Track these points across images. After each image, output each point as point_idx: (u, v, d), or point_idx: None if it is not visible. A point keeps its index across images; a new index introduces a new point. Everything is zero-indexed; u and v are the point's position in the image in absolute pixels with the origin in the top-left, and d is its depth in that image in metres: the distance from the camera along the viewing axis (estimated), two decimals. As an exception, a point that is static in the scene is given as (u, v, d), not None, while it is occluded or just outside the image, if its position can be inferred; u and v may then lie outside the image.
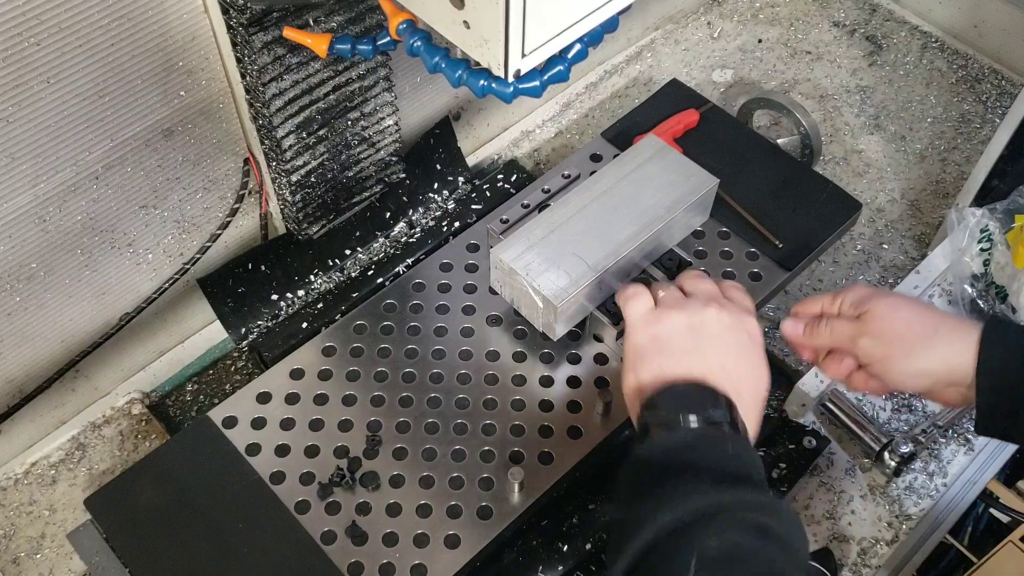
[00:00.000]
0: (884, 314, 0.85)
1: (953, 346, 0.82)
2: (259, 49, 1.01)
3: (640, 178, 1.10)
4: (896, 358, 0.85)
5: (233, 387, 1.27)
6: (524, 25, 0.72)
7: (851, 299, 0.89)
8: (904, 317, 0.85)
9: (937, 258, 1.25)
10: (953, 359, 0.82)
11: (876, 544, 1.08)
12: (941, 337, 0.83)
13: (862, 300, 0.88)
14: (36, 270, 1.07)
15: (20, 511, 1.16)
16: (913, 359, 0.84)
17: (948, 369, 0.83)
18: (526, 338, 1.12)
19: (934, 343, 0.83)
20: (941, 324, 0.84)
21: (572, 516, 1.10)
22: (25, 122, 0.94)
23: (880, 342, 0.85)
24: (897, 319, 0.85)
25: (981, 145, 1.52)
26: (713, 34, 1.72)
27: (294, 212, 1.22)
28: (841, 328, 0.88)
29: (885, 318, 0.85)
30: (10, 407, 1.14)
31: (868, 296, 0.87)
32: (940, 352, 0.83)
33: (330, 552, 0.96)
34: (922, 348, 0.84)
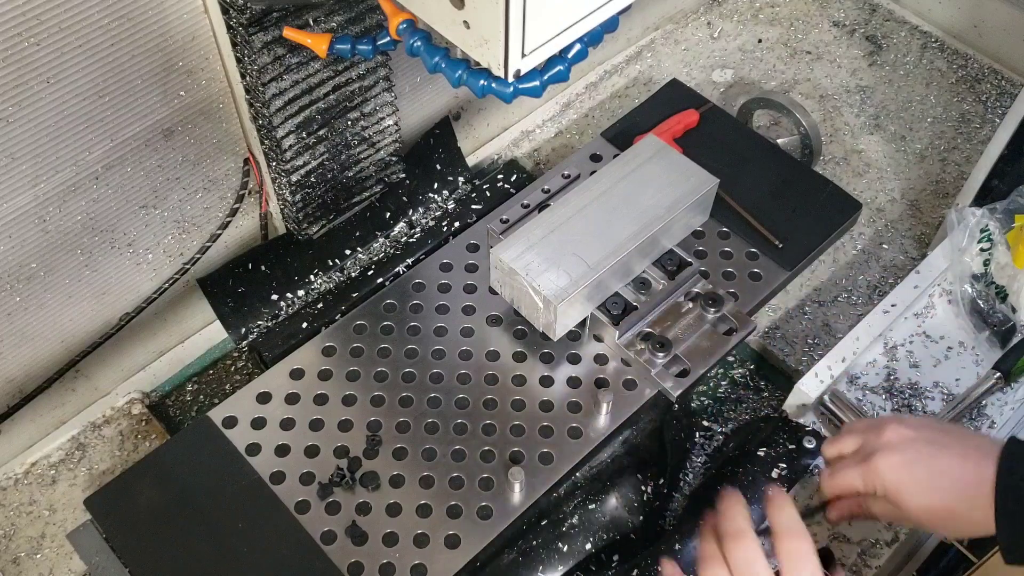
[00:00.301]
0: (905, 503, 0.84)
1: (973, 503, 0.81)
2: (259, 49, 1.01)
3: (640, 178, 1.10)
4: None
5: (233, 387, 1.27)
6: (524, 25, 0.72)
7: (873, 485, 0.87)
8: (920, 506, 0.83)
9: (937, 258, 1.25)
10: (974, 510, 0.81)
11: (876, 544, 1.08)
12: (960, 515, 0.82)
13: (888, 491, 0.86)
14: (36, 270, 1.07)
15: (20, 511, 1.16)
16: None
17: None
18: (526, 338, 1.12)
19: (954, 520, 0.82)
20: (956, 494, 0.81)
21: (572, 516, 1.10)
22: (25, 122, 0.94)
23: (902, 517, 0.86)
24: (915, 508, 0.84)
25: (981, 145, 1.52)
26: (713, 34, 1.72)
27: (294, 212, 1.22)
28: (874, 506, 0.89)
29: (907, 507, 0.84)
30: (10, 407, 1.14)
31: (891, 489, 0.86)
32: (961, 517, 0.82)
33: (330, 552, 0.96)
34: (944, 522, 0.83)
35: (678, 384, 1.04)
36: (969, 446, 0.83)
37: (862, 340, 1.18)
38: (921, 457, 0.84)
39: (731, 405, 1.28)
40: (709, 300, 1.08)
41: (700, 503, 1.11)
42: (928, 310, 1.22)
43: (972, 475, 0.80)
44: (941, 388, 1.17)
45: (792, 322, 1.32)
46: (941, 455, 0.83)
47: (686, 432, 1.23)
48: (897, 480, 0.84)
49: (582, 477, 1.12)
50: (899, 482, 0.84)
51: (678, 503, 1.18)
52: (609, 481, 1.13)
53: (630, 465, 1.14)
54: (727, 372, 1.31)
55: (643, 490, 1.14)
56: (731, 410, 1.28)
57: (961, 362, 1.19)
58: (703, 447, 1.24)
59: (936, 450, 0.84)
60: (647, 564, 1.06)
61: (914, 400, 1.16)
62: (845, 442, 0.92)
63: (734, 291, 1.14)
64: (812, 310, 1.34)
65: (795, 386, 1.15)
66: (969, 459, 0.81)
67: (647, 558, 1.07)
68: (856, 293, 1.36)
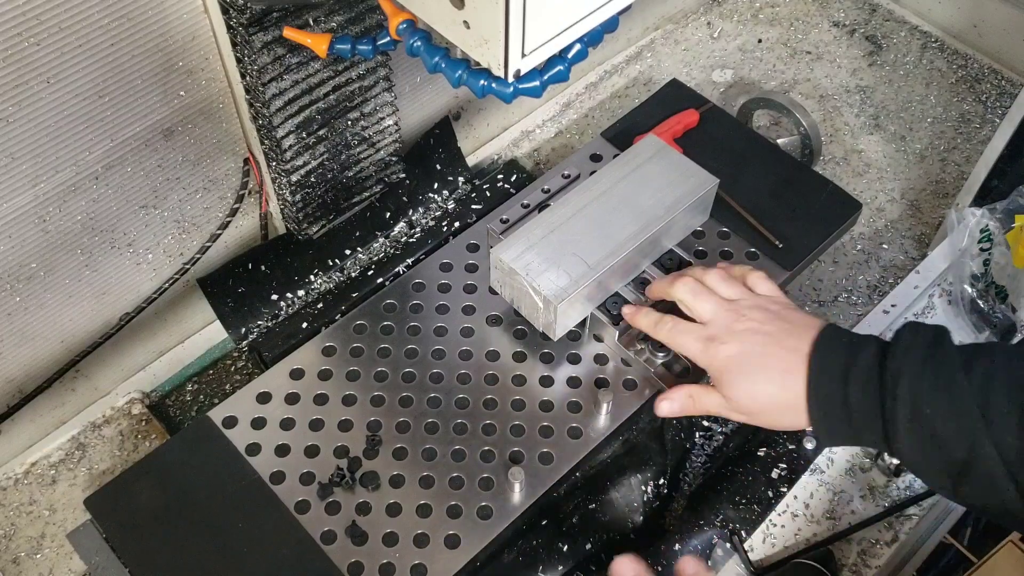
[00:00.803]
0: (744, 402, 0.86)
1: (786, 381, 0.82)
2: (259, 49, 1.01)
3: (640, 178, 1.10)
4: (769, 424, 0.86)
5: (233, 387, 1.27)
6: (524, 25, 0.72)
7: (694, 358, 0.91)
8: (764, 401, 0.84)
9: (937, 258, 1.25)
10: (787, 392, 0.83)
11: (876, 544, 1.08)
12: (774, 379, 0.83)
13: (709, 371, 0.89)
14: (36, 270, 1.07)
15: (20, 511, 1.17)
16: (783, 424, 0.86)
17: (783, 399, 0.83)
18: (526, 338, 1.12)
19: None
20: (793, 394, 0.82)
21: (572, 516, 1.10)
22: (25, 122, 0.94)
23: (753, 419, 0.87)
24: (759, 402, 0.85)
25: (981, 145, 1.52)
26: (713, 34, 1.72)
27: (294, 212, 1.22)
28: (709, 402, 0.91)
29: (748, 405, 0.86)
30: (10, 407, 1.14)
31: (713, 371, 0.88)
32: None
33: (330, 552, 0.96)
34: (792, 415, 0.84)
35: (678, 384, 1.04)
36: (793, 335, 0.83)
37: (862, 340, 1.18)
38: (753, 350, 0.84)
39: (731, 405, 1.28)
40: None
41: (700, 503, 1.11)
42: (928, 310, 1.22)
43: (793, 364, 0.81)
44: (941, 388, 1.17)
45: (792, 322, 1.32)
46: (769, 348, 0.84)
47: (686, 432, 1.23)
48: (725, 370, 0.85)
49: (582, 477, 1.12)
50: (727, 372, 0.85)
51: (678, 503, 1.18)
52: (609, 481, 1.13)
53: (630, 465, 1.14)
54: (727, 372, 1.31)
55: (643, 490, 1.14)
56: (731, 410, 1.27)
57: (961, 362, 1.19)
58: (703, 447, 1.24)
59: (765, 341, 0.84)
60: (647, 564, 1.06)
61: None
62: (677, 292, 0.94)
63: (734, 291, 1.14)
64: (812, 310, 1.34)
65: (795, 386, 1.15)
66: (791, 351, 0.82)
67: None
68: (856, 293, 1.36)
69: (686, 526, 1.08)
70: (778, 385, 0.82)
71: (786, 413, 0.83)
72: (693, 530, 1.08)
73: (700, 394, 0.91)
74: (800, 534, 1.08)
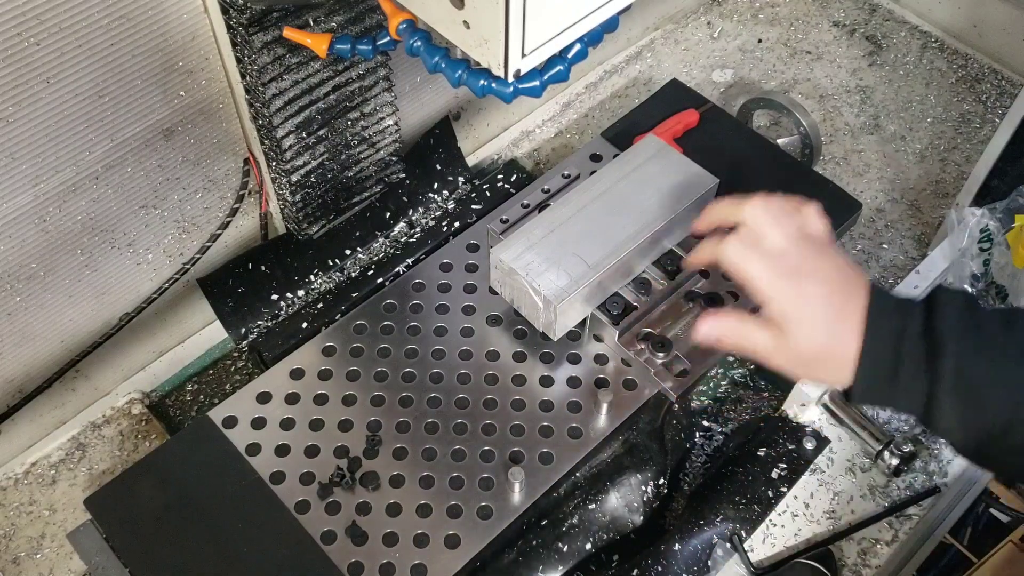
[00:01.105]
0: (802, 345, 0.78)
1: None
2: (259, 49, 1.01)
3: (640, 178, 1.10)
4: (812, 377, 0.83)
5: (233, 387, 1.27)
6: (524, 25, 0.72)
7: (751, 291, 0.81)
8: (820, 347, 0.78)
9: (937, 258, 1.25)
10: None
11: (876, 544, 1.08)
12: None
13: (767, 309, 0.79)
14: (36, 270, 1.07)
15: (20, 511, 1.16)
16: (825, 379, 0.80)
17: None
18: (526, 338, 1.12)
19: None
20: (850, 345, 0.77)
21: (572, 516, 1.10)
22: (25, 122, 0.94)
23: (800, 368, 0.80)
24: (814, 348, 0.78)
25: (981, 145, 1.52)
26: (713, 34, 1.72)
27: (294, 212, 1.22)
28: (757, 339, 0.81)
29: (804, 349, 0.78)
30: (10, 407, 1.14)
31: (773, 311, 0.79)
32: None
33: (330, 552, 0.96)
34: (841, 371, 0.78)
35: (678, 384, 1.04)
36: (848, 287, 0.78)
37: (862, 340, 1.18)
38: (819, 292, 0.78)
39: (731, 405, 1.28)
40: (709, 300, 1.08)
41: (700, 503, 1.11)
42: (928, 310, 1.22)
43: (850, 316, 0.76)
44: (941, 388, 1.17)
45: (792, 322, 1.32)
46: (832, 297, 0.78)
47: (686, 432, 1.23)
48: (793, 307, 0.78)
49: (582, 477, 1.12)
50: (795, 310, 0.78)
51: (678, 503, 1.18)
52: (609, 481, 1.13)
53: (630, 465, 1.14)
54: (727, 372, 1.31)
55: (643, 490, 1.14)
56: (731, 410, 1.28)
57: (961, 362, 1.18)
58: (703, 447, 1.24)
59: (829, 291, 0.79)
60: (647, 564, 1.06)
61: (914, 400, 1.16)
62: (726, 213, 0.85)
63: (734, 291, 1.14)
64: (812, 310, 1.34)
65: (795, 386, 1.15)
66: (850, 302, 0.77)
67: (647, 558, 1.07)
68: (856, 293, 1.36)
69: (686, 526, 1.08)
70: (834, 335, 0.77)
71: (830, 364, 0.77)
72: (693, 530, 1.08)
73: (751, 326, 0.80)
74: (800, 534, 1.08)
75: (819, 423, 1.15)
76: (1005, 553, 1.19)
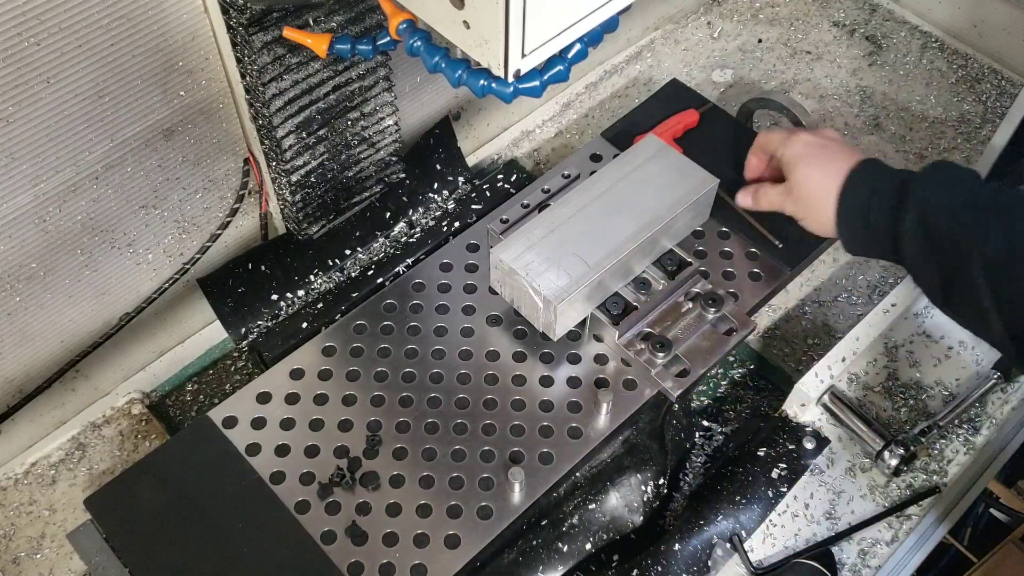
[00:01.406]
0: (800, 183, 1.03)
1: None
2: (259, 49, 1.01)
3: (640, 178, 1.10)
4: (811, 218, 1.04)
5: (233, 387, 1.27)
6: (524, 25, 0.72)
7: (779, 158, 1.07)
8: (814, 185, 1.01)
9: (937, 258, 1.25)
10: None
11: (876, 544, 1.08)
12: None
13: (785, 162, 1.06)
14: (36, 270, 1.07)
15: (20, 511, 1.16)
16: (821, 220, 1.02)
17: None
18: (526, 338, 1.12)
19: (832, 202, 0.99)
20: (836, 184, 0.99)
21: (572, 516, 1.10)
22: (25, 122, 0.94)
23: (800, 206, 1.04)
24: (809, 186, 1.02)
25: (981, 145, 1.52)
26: (713, 34, 1.72)
27: (294, 212, 1.22)
28: (773, 196, 1.08)
29: (801, 186, 1.03)
30: (10, 407, 1.14)
31: (788, 160, 1.05)
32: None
33: (330, 552, 0.96)
34: (828, 209, 0.99)
35: (678, 384, 1.04)
36: (848, 150, 1.02)
37: (862, 340, 1.18)
38: (820, 147, 1.03)
39: (731, 405, 1.28)
40: (709, 300, 1.08)
41: (700, 503, 1.11)
42: (928, 310, 1.22)
43: (842, 164, 0.99)
44: (941, 388, 1.17)
45: (792, 322, 1.32)
46: (829, 150, 1.03)
47: (686, 432, 1.23)
48: (796, 155, 1.04)
49: (582, 477, 1.12)
50: (798, 157, 1.03)
51: (678, 503, 1.18)
52: (609, 481, 1.13)
53: (630, 465, 1.14)
54: (727, 372, 1.31)
55: (643, 490, 1.14)
56: (731, 410, 1.28)
57: (961, 362, 1.19)
58: (703, 447, 1.24)
59: (828, 146, 1.04)
60: (647, 564, 1.06)
61: (914, 400, 1.16)
62: (757, 166, 1.15)
63: (734, 291, 1.14)
64: (812, 310, 1.34)
65: (795, 386, 1.15)
66: (845, 158, 1.00)
67: (647, 558, 1.07)
68: (856, 293, 1.36)
69: (686, 526, 1.08)
70: (827, 173, 0.99)
71: (824, 203, 0.99)
72: (693, 530, 1.08)
73: (767, 187, 1.09)
74: (800, 534, 1.08)
75: (819, 423, 1.15)
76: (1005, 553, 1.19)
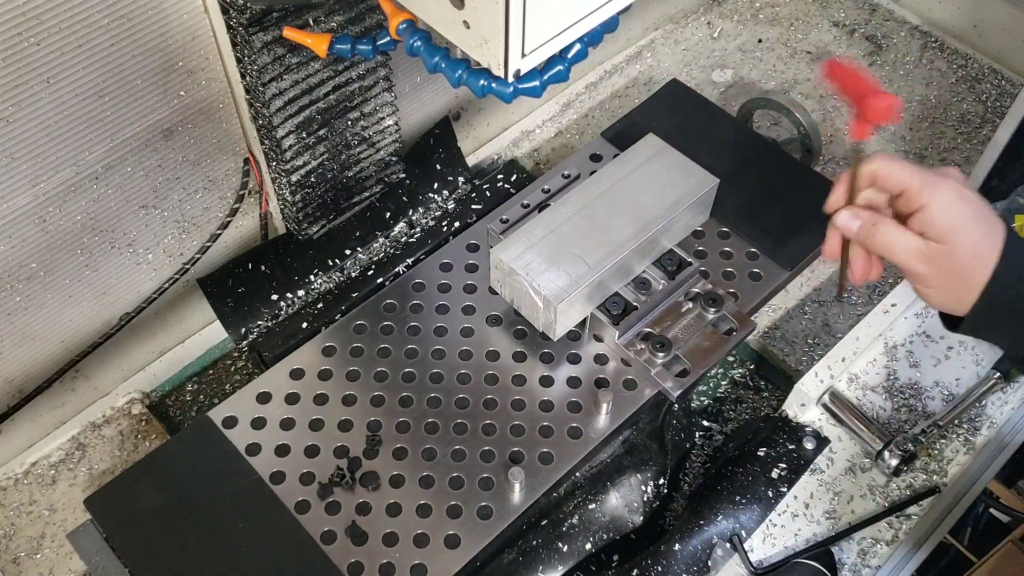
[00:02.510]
0: (962, 249, 0.77)
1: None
2: (259, 49, 1.01)
3: (640, 178, 1.10)
4: (945, 290, 0.79)
5: (233, 387, 1.27)
6: (524, 25, 0.72)
7: (907, 193, 0.79)
8: (977, 258, 0.77)
9: (937, 258, 1.25)
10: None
11: (876, 544, 1.08)
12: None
13: (935, 215, 0.78)
14: (36, 270, 1.07)
15: (20, 511, 1.16)
16: (958, 293, 0.79)
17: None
18: (526, 338, 1.12)
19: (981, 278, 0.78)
20: (993, 255, 0.78)
21: (572, 516, 1.10)
22: (25, 122, 0.94)
23: (944, 276, 0.78)
24: (972, 259, 0.77)
25: (981, 145, 1.52)
26: (713, 34, 1.72)
27: (294, 212, 1.22)
28: (903, 243, 0.78)
29: (962, 254, 0.77)
30: (10, 407, 1.14)
31: (945, 215, 0.77)
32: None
33: (330, 552, 0.96)
34: (977, 281, 0.78)
35: (678, 384, 1.04)
36: (995, 221, 0.79)
37: (862, 340, 1.18)
38: (979, 215, 0.79)
39: (731, 405, 1.28)
40: (709, 300, 1.08)
41: (700, 503, 1.11)
42: (928, 310, 1.22)
43: (996, 234, 0.78)
44: (941, 388, 1.17)
45: (792, 322, 1.32)
46: (981, 209, 0.79)
47: (686, 432, 1.23)
48: (958, 217, 0.77)
49: (582, 477, 1.12)
50: (959, 218, 0.77)
51: (678, 503, 1.18)
52: (609, 481, 1.13)
53: (630, 465, 1.14)
54: (727, 372, 1.31)
55: (643, 490, 1.14)
56: (731, 410, 1.28)
57: (961, 362, 1.19)
58: (703, 447, 1.24)
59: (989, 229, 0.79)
60: (647, 564, 1.06)
61: (914, 400, 1.16)
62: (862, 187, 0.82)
63: (734, 291, 1.14)
64: (812, 310, 1.34)
65: (795, 386, 1.15)
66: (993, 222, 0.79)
67: (647, 558, 1.07)
68: (856, 293, 1.36)
69: (686, 526, 1.08)
70: (989, 244, 0.77)
71: (975, 278, 0.77)
72: (693, 530, 1.08)
73: (891, 227, 0.78)
74: (800, 534, 1.08)
75: (819, 423, 1.15)
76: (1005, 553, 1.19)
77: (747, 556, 1.06)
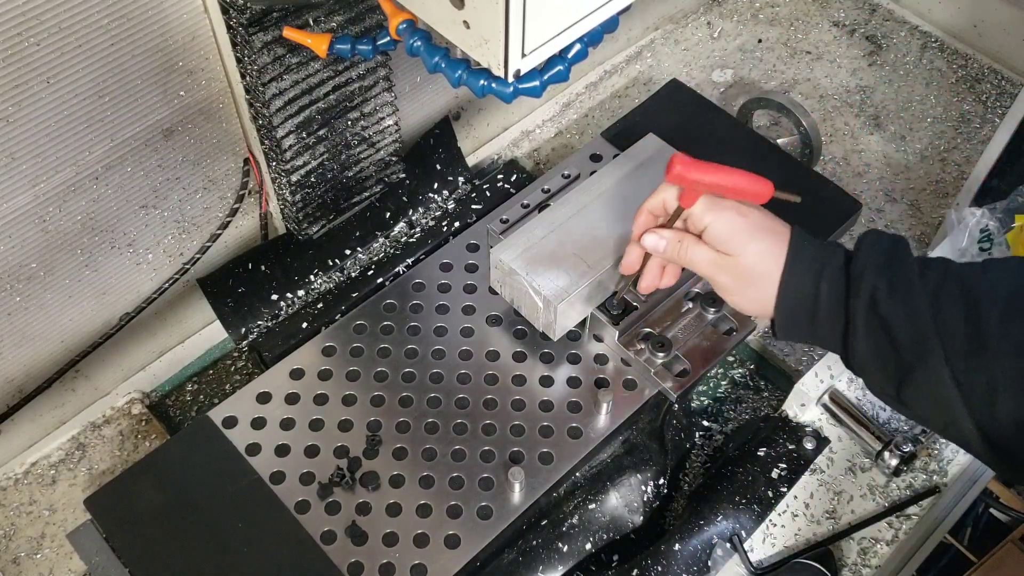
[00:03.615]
0: (750, 258, 0.87)
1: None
2: (259, 49, 1.01)
3: (640, 178, 1.10)
4: (746, 296, 0.88)
5: (233, 387, 1.27)
6: (524, 25, 0.72)
7: (692, 216, 0.89)
8: (765, 264, 0.86)
9: (937, 258, 1.25)
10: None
11: (876, 544, 1.08)
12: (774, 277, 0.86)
13: (718, 231, 0.88)
14: (36, 270, 1.07)
15: (20, 511, 1.16)
16: (760, 298, 0.87)
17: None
18: (526, 338, 1.12)
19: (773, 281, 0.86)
20: (779, 261, 0.86)
21: (572, 516, 1.10)
22: (25, 122, 0.94)
23: (740, 282, 0.87)
24: (761, 265, 0.86)
25: (981, 145, 1.52)
26: (713, 34, 1.72)
27: (294, 212, 1.22)
28: (702, 255, 0.89)
29: (751, 263, 0.86)
30: (10, 407, 1.14)
31: (726, 230, 0.88)
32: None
33: (330, 552, 0.96)
34: (768, 287, 0.86)
35: (678, 384, 1.04)
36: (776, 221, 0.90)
37: (862, 340, 1.18)
38: (753, 216, 0.89)
39: (731, 405, 1.28)
40: (709, 300, 1.08)
41: (700, 503, 1.11)
42: (928, 310, 1.22)
43: (778, 241, 0.86)
44: (941, 388, 1.17)
45: (792, 322, 1.32)
46: (764, 220, 0.89)
47: (686, 432, 1.23)
48: (732, 225, 0.88)
49: (582, 477, 1.12)
50: (734, 227, 0.87)
51: (678, 503, 1.18)
52: (609, 481, 1.13)
53: (630, 465, 1.14)
54: (727, 372, 1.31)
55: (643, 490, 1.14)
56: (731, 410, 1.28)
57: (961, 362, 1.18)
58: (703, 447, 1.24)
59: (760, 215, 0.90)
60: (647, 564, 1.06)
61: (914, 400, 1.16)
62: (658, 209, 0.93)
63: (734, 291, 1.14)
64: (812, 310, 1.34)
65: (795, 386, 1.15)
66: (778, 232, 0.88)
67: (647, 558, 1.07)
68: (856, 293, 1.36)
69: (686, 526, 1.08)
70: (768, 246, 0.86)
71: (761, 284, 0.86)
72: (693, 530, 1.08)
73: (692, 243, 0.89)
74: (800, 534, 1.08)
75: (819, 423, 1.15)
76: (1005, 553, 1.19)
77: (747, 556, 1.06)
